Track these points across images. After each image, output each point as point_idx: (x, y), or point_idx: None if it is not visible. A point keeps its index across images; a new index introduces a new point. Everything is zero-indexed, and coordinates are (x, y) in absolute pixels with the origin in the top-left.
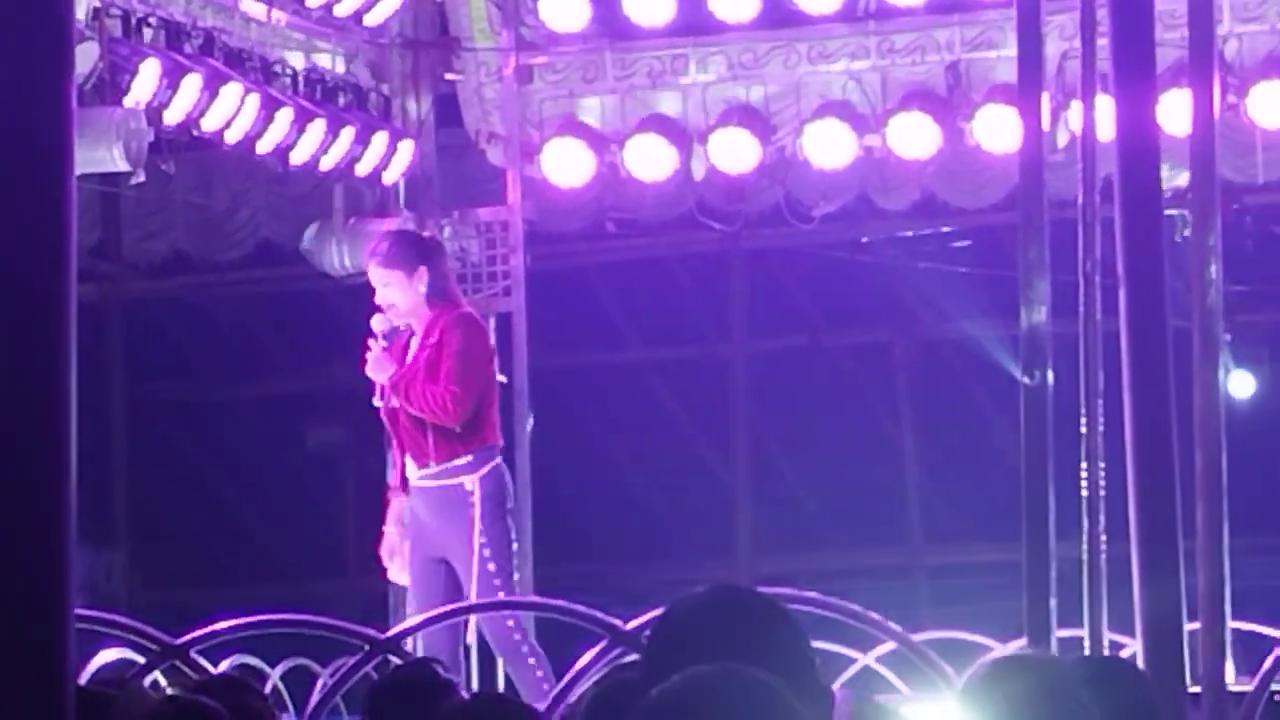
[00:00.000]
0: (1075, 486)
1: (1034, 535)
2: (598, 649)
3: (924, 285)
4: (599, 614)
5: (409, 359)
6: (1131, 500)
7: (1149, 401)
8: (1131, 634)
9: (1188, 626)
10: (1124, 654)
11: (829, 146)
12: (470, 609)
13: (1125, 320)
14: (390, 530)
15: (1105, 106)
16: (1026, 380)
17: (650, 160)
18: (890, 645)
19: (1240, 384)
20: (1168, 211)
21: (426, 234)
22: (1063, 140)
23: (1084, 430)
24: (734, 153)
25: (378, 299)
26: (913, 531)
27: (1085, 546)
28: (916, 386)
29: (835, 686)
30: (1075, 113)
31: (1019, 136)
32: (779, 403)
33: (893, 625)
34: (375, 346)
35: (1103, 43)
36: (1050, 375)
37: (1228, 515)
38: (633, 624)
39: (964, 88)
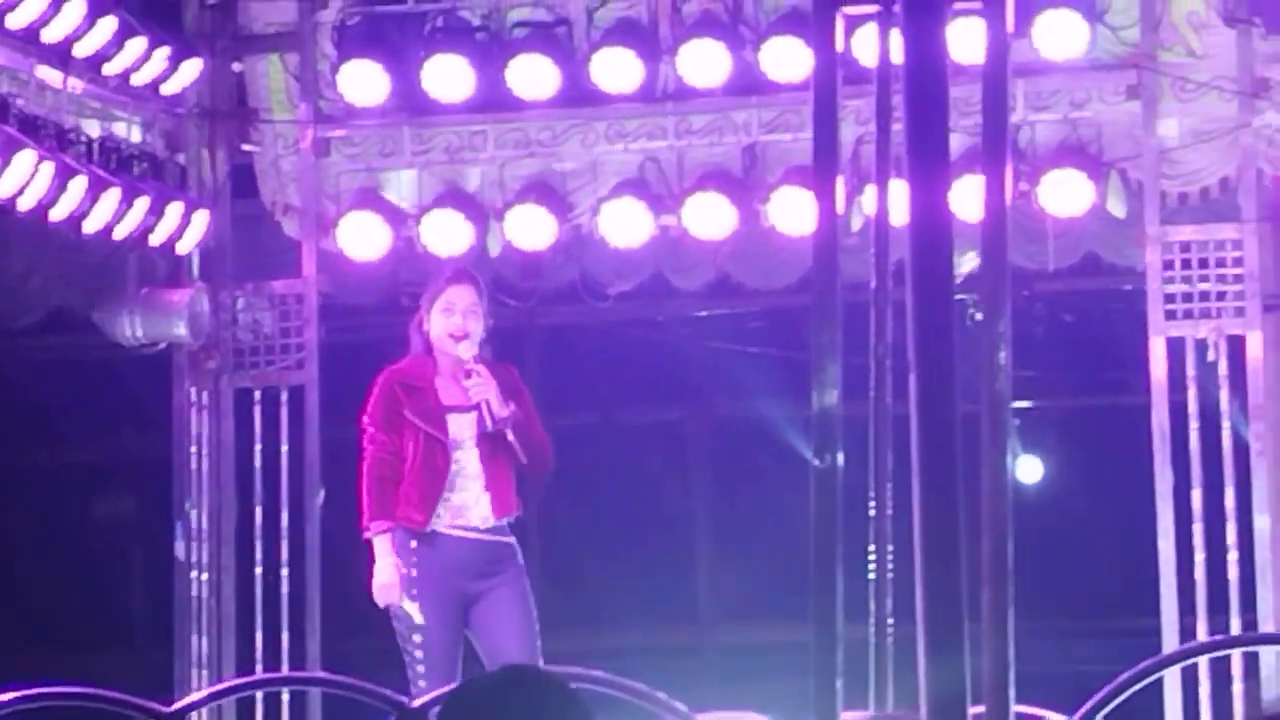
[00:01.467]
0: (864, 568)
1: (821, 616)
2: None
3: (717, 365)
4: (385, 690)
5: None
6: (918, 583)
7: (937, 485)
8: (917, 716)
9: (972, 709)
10: None
11: (625, 225)
12: (262, 682)
13: (915, 404)
14: (395, 563)
15: (899, 191)
16: (817, 462)
17: (447, 235)
18: None
19: (1028, 469)
20: (959, 296)
21: None
22: (856, 224)
23: (873, 513)
24: (531, 229)
25: (457, 324)
26: (702, 610)
27: (872, 628)
28: (708, 465)
29: None
30: (869, 197)
31: (813, 219)
32: (570, 479)
33: (679, 704)
34: (482, 369)
35: (897, 128)
36: (840, 457)
37: (1013, 599)
38: (418, 701)
39: (760, 169)
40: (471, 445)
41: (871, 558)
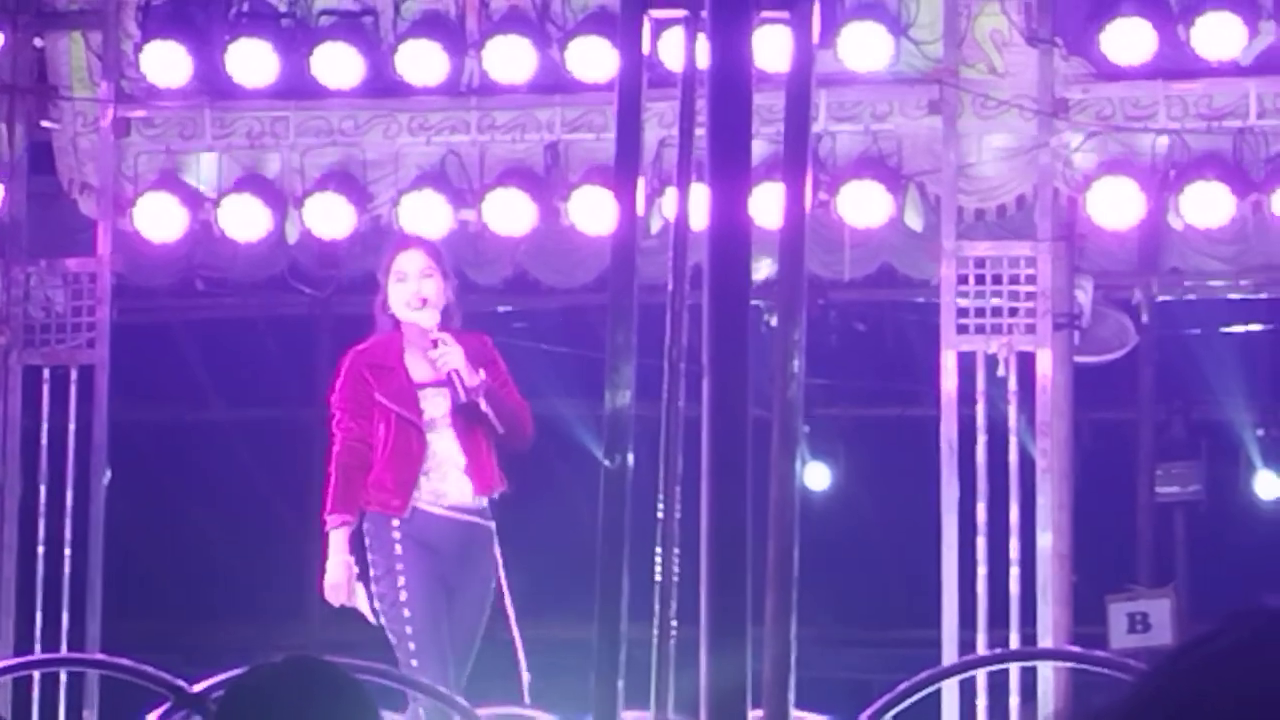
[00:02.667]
0: (650, 569)
1: (606, 616)
2: (161, 710)
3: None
4: (164, 674)
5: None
6: (703, 586)
7: (726, 489)
8: (696, 718)
9: (751, 713)
10: None
11: (425, 217)
12: (39, 663)
13: (707, 408)
14: (347, 560)
15: (699, 195)
16: (607, 462)
17: (245, 220)
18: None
19: (816, 476)
20: (754, 302)
21: None
22: (656, 226)
23: (661, 514)
24: (329, 218)
25: (412, 290)
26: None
27: (656, 629)
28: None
29: None
30: (670, 200)
31: (613, 220)
32: None
33: (459, 698)
34: (448, 337)
35: (700, 132)
36: (630, 458)
37: (796, 605)
38: (199, 686)
39: (562, 168)
40: (446, 424)
41: (658, 559)
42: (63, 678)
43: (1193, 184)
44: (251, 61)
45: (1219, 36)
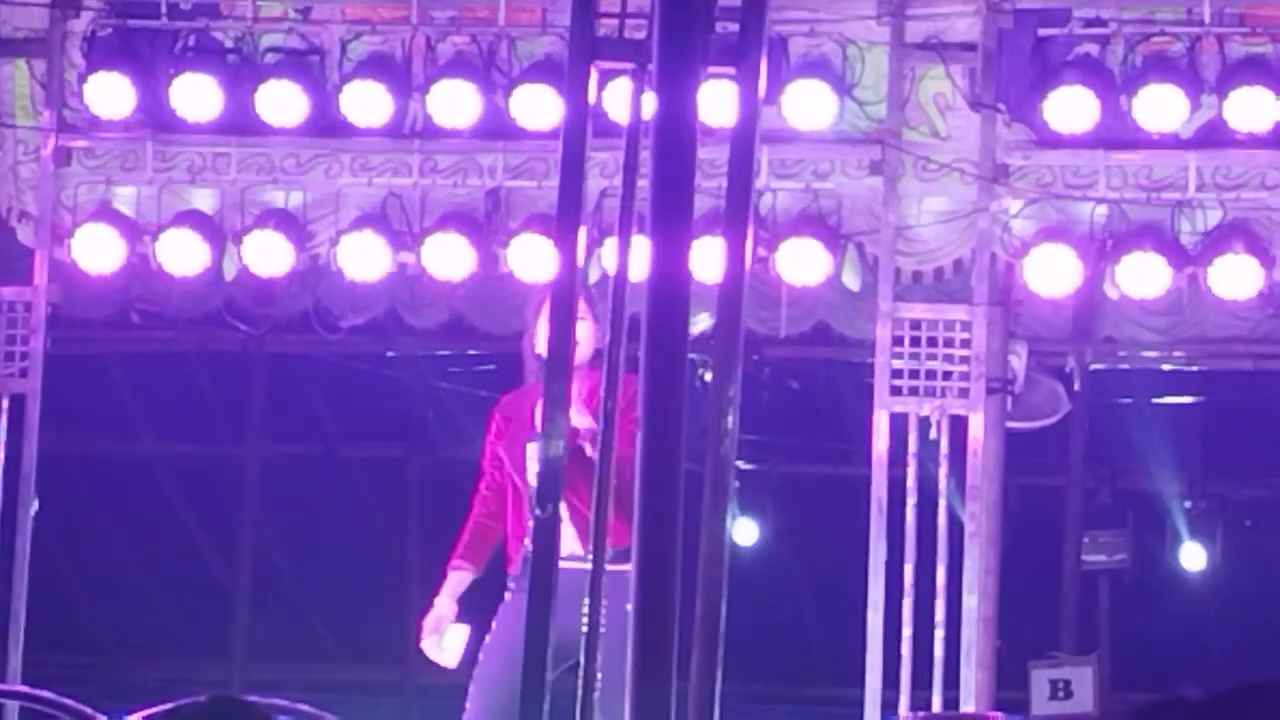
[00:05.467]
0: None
1: (532, 665)
2: None
3: (445, 406)
4: (86, 708)
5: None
6: (630, 638)
7: (656, 542)
8: None
9: None
10: None
11: (363, 259)
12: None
13: (641, 461)
14: (445, 602)
15: (640, 247)
16: (538, 511)
17: (182, 254)
18: None
19: (744, 532)
20: (690, 356)
21: None
22: (595, 276)
23: (590, 565)
24: (267, 256)
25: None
26: (412, 649)
27: (581, 681)
28: (427, 505)
29: None
30: (610, 250)
31: (552, 268)
32: (288, 509)
33: None
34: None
35: (643, 184)
36: (563, 507)
37: (723, 661)
38: None
39: (502, 214)
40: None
41: (585, 613)
42: None
43: (1130, 254)
44: (195, 96)
45: (1161, 108)
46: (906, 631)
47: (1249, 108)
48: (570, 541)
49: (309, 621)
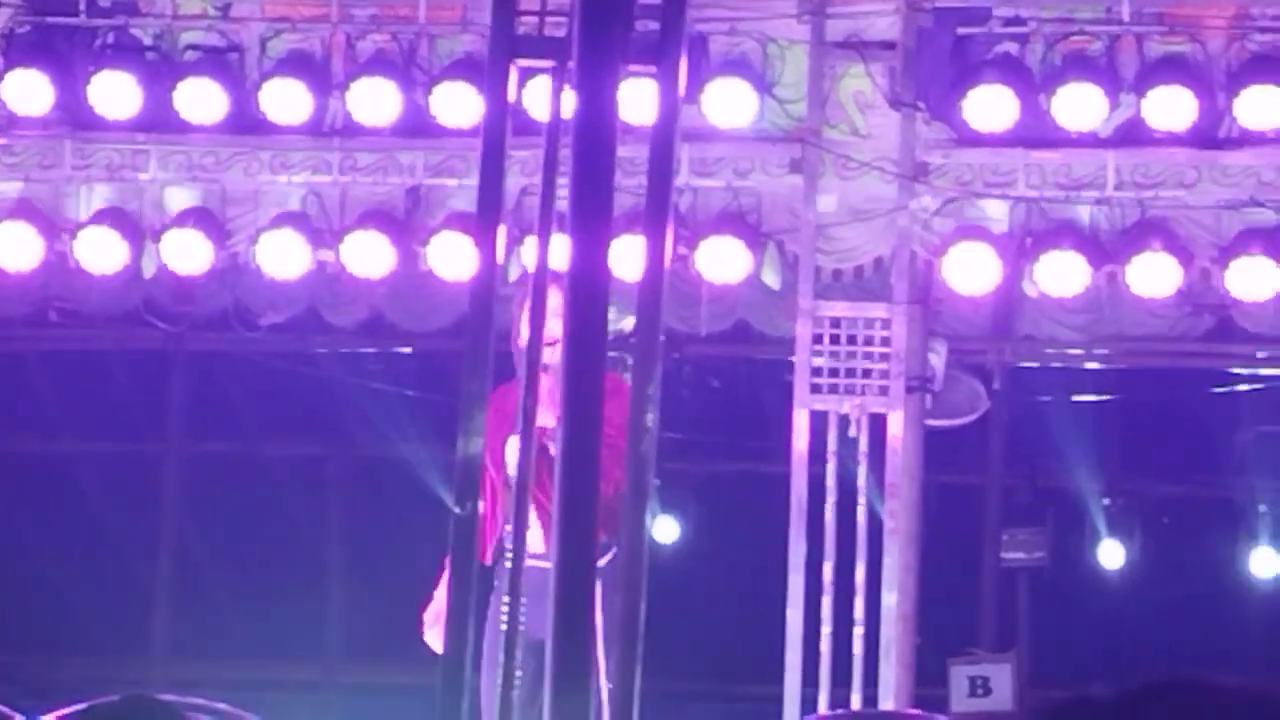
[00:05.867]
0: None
1: (451, 663)
2: None
3: (365, 404)
4: (3, 707)
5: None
6: (549, 637)
7: (574, 542)
8: None
9: None
10: None
11: (283, 257)
12: None
13: (560, 459)
14: (444, 594)
15: (560, 245)
16: (457, 509)
17: (102, 252)
18: None
19: (665, 530)
20: (610, 354)
21: None
22: (514, 274)
23: (509, 563)
24: (186, 254)
25: (549, 330)
26: (331, 648)
27: (500, 679)
28: (347, 503)
29: None
30: (530, 248)
31: (472, 266)
32: (209, 507)
33: None
34: (547, 380)
35: (563, 182)
36: (481, 506)
37: (643, 659)
38: None
39: (422, 212)
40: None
41: (504, 610)
42: None
43: (1048, 252)
44: (114, 93)
45: (1080, 107)
46: (826, 629)
47: (1167, 107)
48: (538, 539)
49: (229, 620)
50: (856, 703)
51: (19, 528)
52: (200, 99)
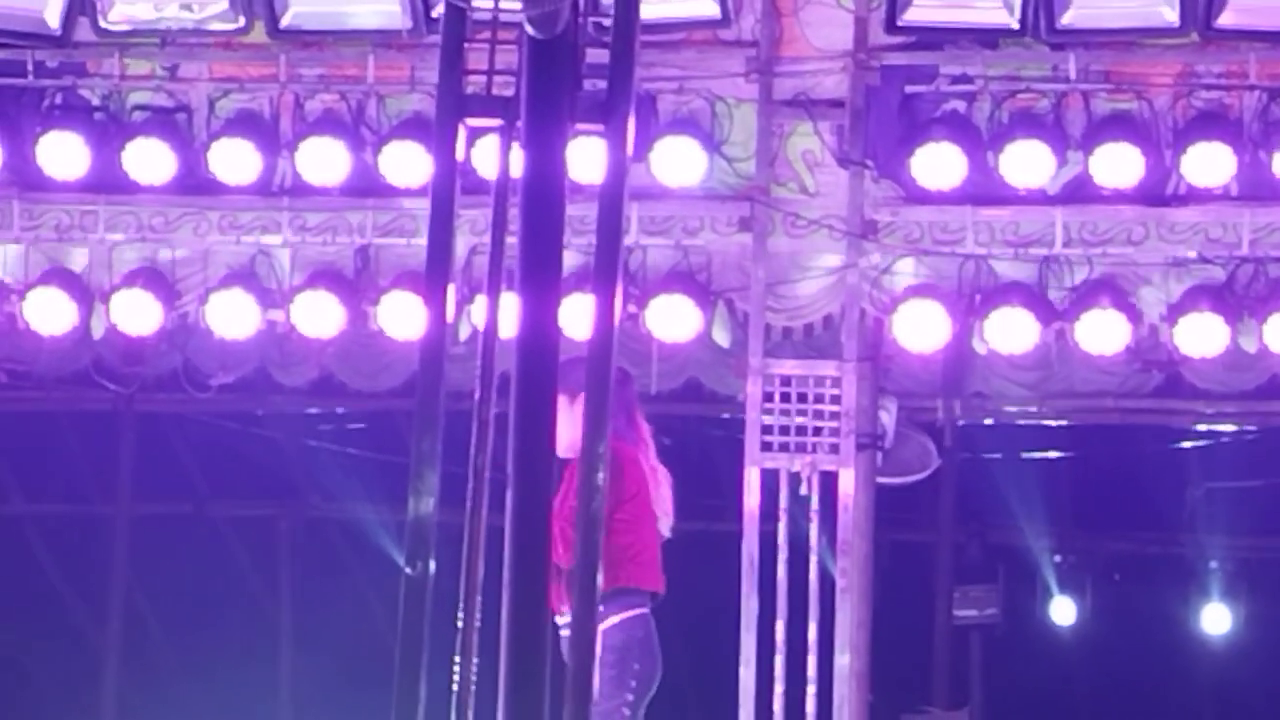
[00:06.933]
0: (448, 679)
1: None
2: None
3: (315, 464)
4: None
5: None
6: (500, 697)
7: (527, 600)
8: None
9: None
10: None
11: (232, 317)
12: None
13: (510, 517)
14: None
15: (509, 304)
16: (409, 569)
17: (50, 314)
18: None
19: None
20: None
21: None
22: (465, 333)
23: (461, 623)
24: (136, 314)
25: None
26: (283, 708)
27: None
28: (298, 564)
29: None
30: (479, 307)
31: (422, 325)
32: (158, 568)
33: None
34: None
35: (512, 241)
36: (432, 565)
37: None
38: None
39: (372, 271)
40: None
41: (456, 669)
42: None
43: (998, 310)
44: (62, 154)
45: (1027, 164)
46: (779, 688)
47: (1114, 164)
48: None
49: (179, 682)
50: None
51: None
52: (149, 159)
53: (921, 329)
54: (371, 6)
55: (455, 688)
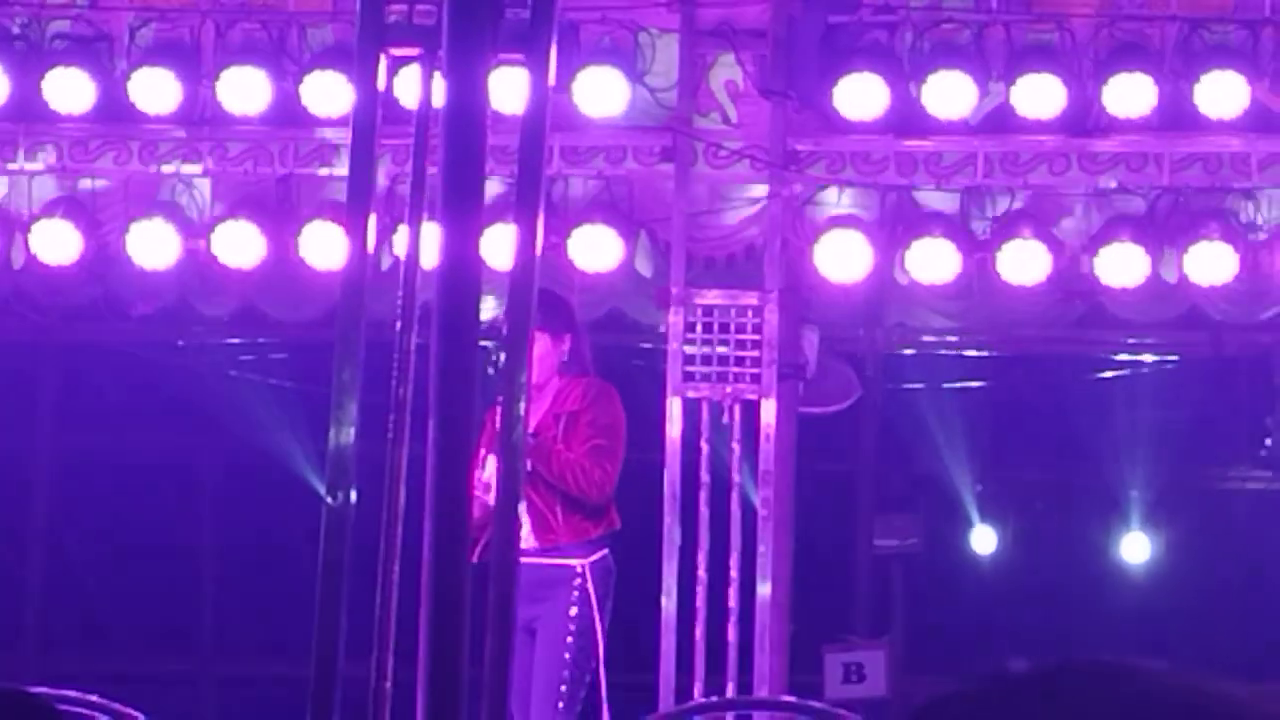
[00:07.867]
0: (370, 608)
1: (323, 654)
2: None
3: (237, 394)
4: None
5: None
6: (422, 626)
7: (447, 529)
8: None
9: None
10: None
11: (153, 247)
12: None
13: (432, 447)
14: None
15: (431, 234)
16: (330, 499)
17: None
18: None
19: None
20: (482, 343)
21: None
22: (386, 263)
23: (381, 554)
24: (56, 244)
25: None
26: (204, 640)
27: (373, 670)
28: (220, 495)
29: None
30: (401, 237)
31: (343, 255)
32: (80, 500)
33: None
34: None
35: (433, 171)
36: (353, 495)
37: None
38: None
39: (293, 201)
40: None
41: (378, 599)
42: None
43: (920, 240)
44: None
45: (949, 95)
46: (700, 618)
47: (1036, 94)
48: (526, 537)
49: (101, 612)
50: (731, 690)
51: None
52: (68, 88)
53: (844, 259)
54: None
55: (377, 617)
